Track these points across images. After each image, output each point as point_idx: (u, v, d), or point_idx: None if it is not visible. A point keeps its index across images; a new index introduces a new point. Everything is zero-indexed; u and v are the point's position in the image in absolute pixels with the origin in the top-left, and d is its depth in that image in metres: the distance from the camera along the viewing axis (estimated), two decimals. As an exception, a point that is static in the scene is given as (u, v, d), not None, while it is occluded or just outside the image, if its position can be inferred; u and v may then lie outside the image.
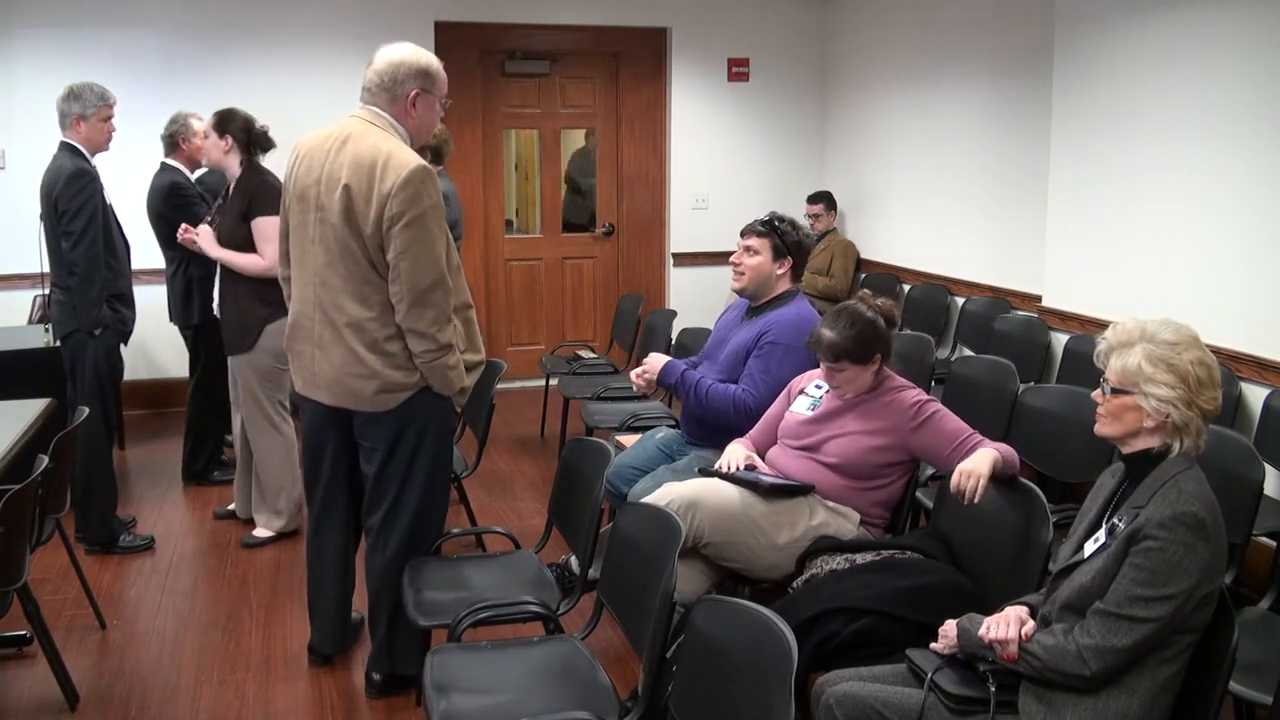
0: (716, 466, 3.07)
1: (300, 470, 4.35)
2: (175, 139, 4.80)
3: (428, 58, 2.90)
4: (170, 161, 4.82)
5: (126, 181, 5.10)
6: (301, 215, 2.90)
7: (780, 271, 3.48)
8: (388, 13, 6.39)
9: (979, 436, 2.84)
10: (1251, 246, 3.89)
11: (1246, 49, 3.88)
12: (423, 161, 2.75)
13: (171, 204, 4.64)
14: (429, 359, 2.83)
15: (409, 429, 2.94)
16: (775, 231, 3.47)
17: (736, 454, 3.10)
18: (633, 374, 3.64)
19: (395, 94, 2.86)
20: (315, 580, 3.26)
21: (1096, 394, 2.17)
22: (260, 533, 4.35)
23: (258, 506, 4.39)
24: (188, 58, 6.10)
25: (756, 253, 3.47)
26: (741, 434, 3.32)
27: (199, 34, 6.14)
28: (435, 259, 2.75)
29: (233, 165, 4.23)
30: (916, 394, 2.96)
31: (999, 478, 2.69)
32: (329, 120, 2.97)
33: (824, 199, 6.77)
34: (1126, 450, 2.15)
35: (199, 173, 4.91)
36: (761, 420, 3.24)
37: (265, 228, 4.08)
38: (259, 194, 4.16)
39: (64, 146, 4.06)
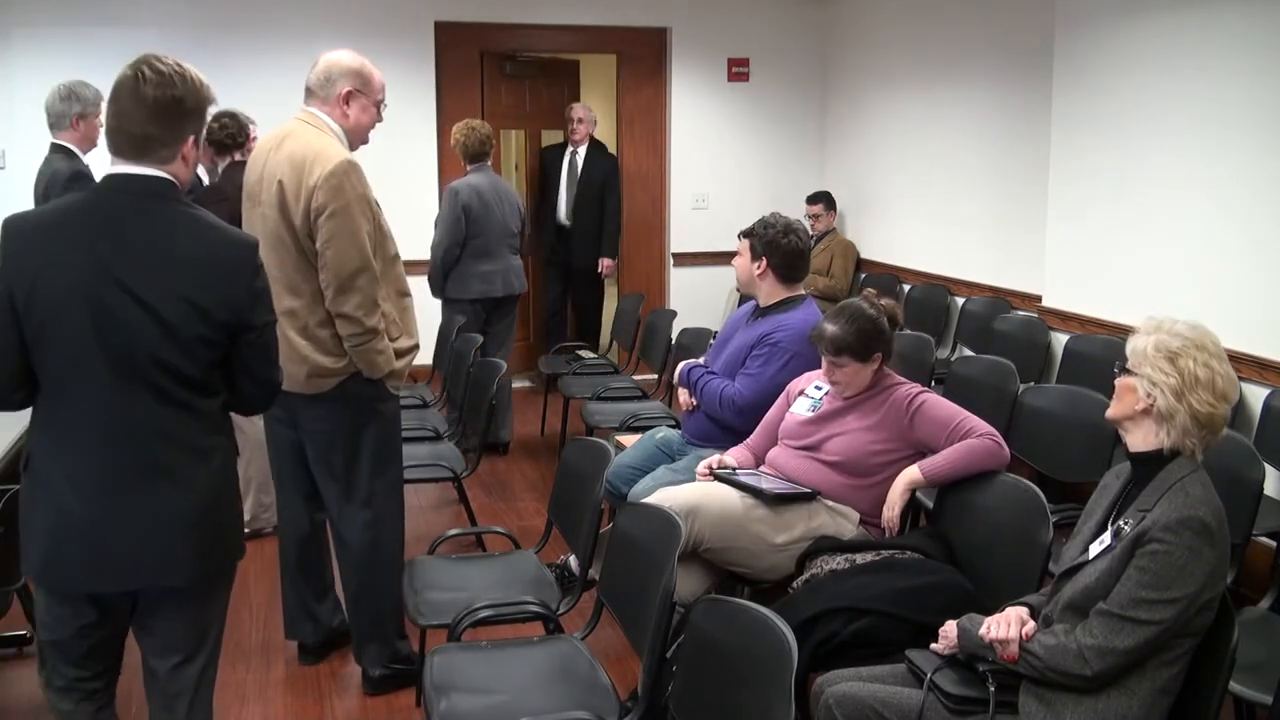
0: (707, 465, 3.11)
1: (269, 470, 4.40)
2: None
3: (361, 60, 3.05)
4: None
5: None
6: (249, 212, 3.04)
7: (758, 271, 3.50)
8: (388, 13, 6.39)
9: (973, 421, 2.84)
10: (1251, 246, 3.89)
11: (1247, 49, 3.88)
12: (349, 156, 2.91)
13: None
14: (357, 342, 2.93)
15: (346, 413, 3.04)
16: (752, 232, 3.53)
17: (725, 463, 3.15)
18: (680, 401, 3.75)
19: (329, 94, 3.00)
20: (281, 570, 3.35)
21: (1115, 378, 2.20)
22: None
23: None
24: (187, 58, 6.00)
25: (740, 253, 3.55)
26: (731, 429, 3.37)
27: (199, 34, 6.14)
28: (359, 246, 2.88)
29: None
30: (909, 388, 2.97)
31: (947, 482, 2.81)
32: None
33: (823, 199, 6.77)
34: (1132, 449, 2.16)
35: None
36: (761, 425, 3.25)
37: None
38: (203, 197, 4.24)
39: (57, 149, 4.06)
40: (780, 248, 3.48)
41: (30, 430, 2.08)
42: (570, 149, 6.73)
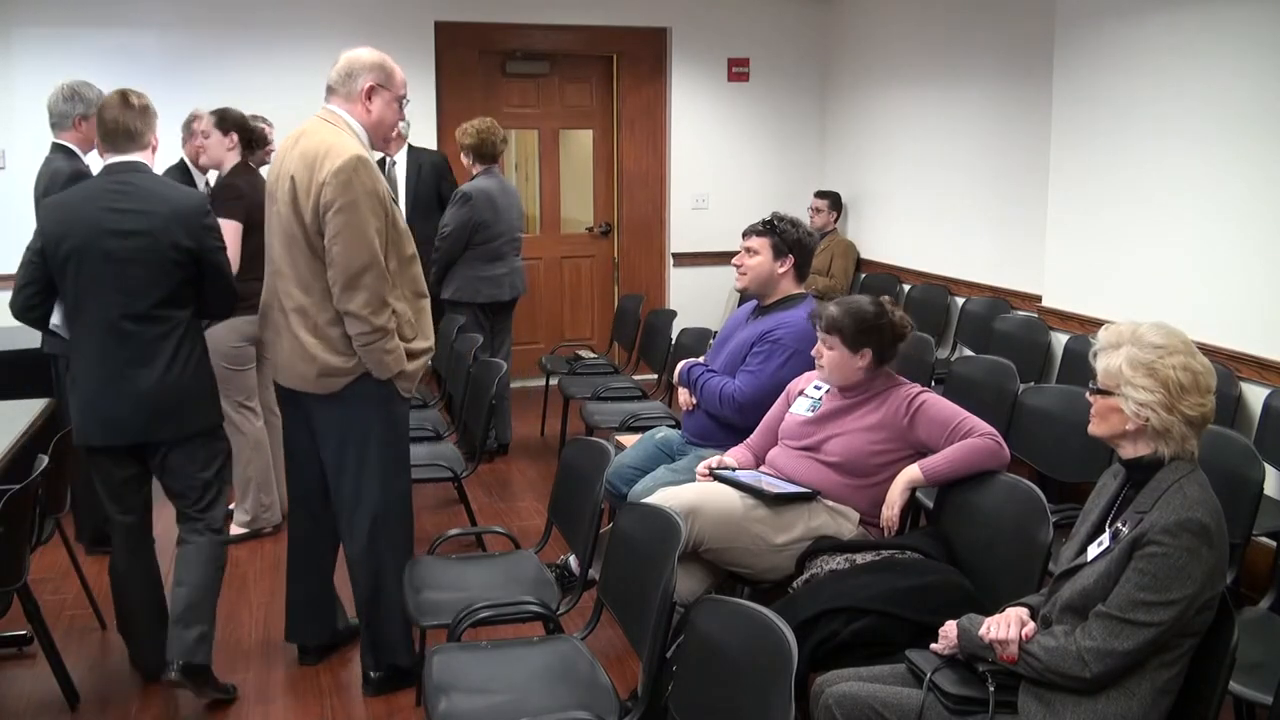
0: (707, 466, 3.10)
1: (271, 469, 4.38)
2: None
3: (382, 56, 3.02)
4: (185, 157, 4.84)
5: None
6: (268, 209, 3.04)
7: (782, 270, 3.49)
8: (388, 13, 6.39)
9: (973, 421, 2.83)
10: (1251, 246, 3.89)
11: (1247, 49, 3.88)
12: (359, 152, 2.86)
13: None
14: (364, 341, 2.90)
15: (356, 414, 3.01)
16: (774, 231, 3.49)
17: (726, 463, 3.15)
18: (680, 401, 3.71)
19: (351, 89, 2.96)
20: (288, 570, 3.32)
21: (1088, 394, 2.18)
22: (231, 530, 4.34)
23: (237, 502, 4.44)
24: (187, 57, 6.09)
25: (756, 253, 3.51)
26: (733, 427, 3.37)
27: (199, 33, 6.13)
28: (368, 243, 2.84)
29: (230, 161, 4.25)
30: (909, 388, 2.97)
31: (947, 481, 2.81)
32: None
33: (830, 198, 6.79)
34: (1124, 456, 2.15)
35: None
36: (761, 425, 3.24)
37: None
38: (220, 194, 4.16)
39: (57, 148, 4.05)
40: (806, 247, 3.52)
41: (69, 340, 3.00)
42: (388, 161, 5.50)
